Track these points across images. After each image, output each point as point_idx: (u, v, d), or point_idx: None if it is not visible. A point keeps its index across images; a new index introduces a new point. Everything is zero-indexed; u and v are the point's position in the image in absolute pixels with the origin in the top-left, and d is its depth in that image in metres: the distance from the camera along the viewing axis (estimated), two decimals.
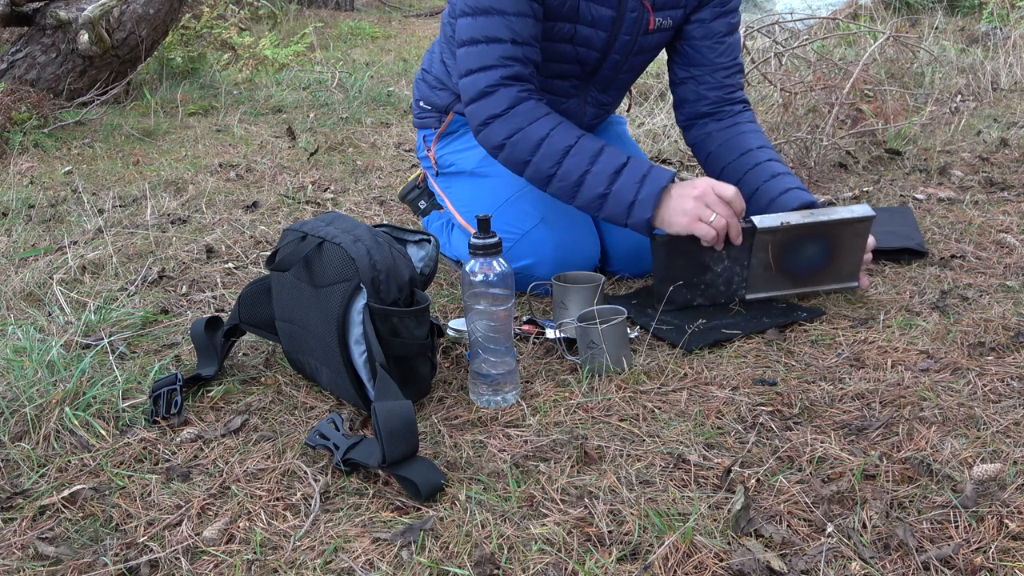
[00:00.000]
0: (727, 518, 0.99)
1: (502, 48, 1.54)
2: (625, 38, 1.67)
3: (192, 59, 4.55)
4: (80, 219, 2.34)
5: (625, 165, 1.53)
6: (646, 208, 1.51)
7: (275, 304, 1.40)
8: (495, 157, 1.61)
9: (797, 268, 1.60)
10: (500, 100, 1.55)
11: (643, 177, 1.52)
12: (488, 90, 1.55)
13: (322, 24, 6.98)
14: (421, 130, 1.96)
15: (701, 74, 1.77)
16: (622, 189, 1.52)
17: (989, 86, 3.64)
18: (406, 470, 1.07)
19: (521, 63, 1.55)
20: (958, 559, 0.92)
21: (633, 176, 1.52)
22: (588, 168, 1.53)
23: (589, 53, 1.68)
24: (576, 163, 1.53)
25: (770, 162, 1.72)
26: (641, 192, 1.51)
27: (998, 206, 2.19)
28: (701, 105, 1.79)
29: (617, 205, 1.53)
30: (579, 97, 1.78)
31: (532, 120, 1.54)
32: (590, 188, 1.54)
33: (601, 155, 1.54)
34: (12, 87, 3.55)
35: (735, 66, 1.79)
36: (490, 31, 1.54)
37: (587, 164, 1.53)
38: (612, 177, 1.53)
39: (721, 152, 1.76)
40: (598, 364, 1.38)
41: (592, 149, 1.54)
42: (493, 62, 1.54)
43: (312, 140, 3.28)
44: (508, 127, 1.55)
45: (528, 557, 0.95)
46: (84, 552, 1.00)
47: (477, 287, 1.28)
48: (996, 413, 1.20)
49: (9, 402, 1.31)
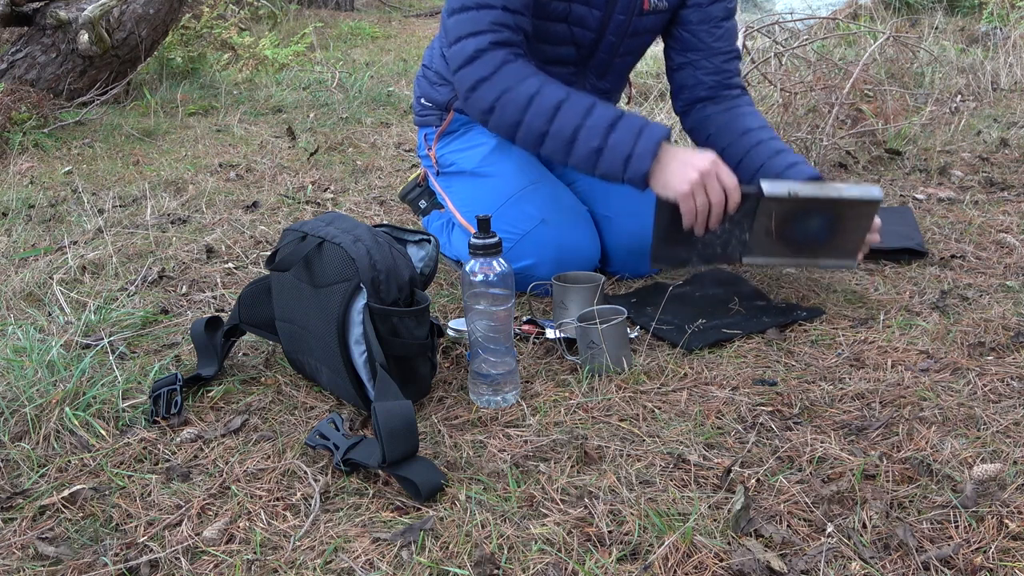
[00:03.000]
0: (727, 518, 0.99)
1: (493, 14, 1.53)
2: (620, 18, 1.67)
3: (192, 59, 4.54)
4: (80, 219, 2.34)
5: (620, 118, 1.50)
6: (644, 161, 1.47)
7: (275, 304, 1.40)
8: (485, 124, 1.59)
9: (798, 239, 1.57)
10: (488, 63, 1.53)
11: (640, 130, 1.49)
12: (476, 54, 1.53)
13: (322, 24, 6.98)
14: (422, 128, 1.96)
15: (698, 59, 1.77)
16: (618, 142, 1.49)
17: (989, 86, 3.64)
18: (406, 470, 1.07)
19: (511, 30, 1.54)
20: (958, 559, 0.92)
21: (629, 129, 1.49)
22: (581, 122, 1.50)
23: (584, 34, 1.68)
24: (568, 118, 1.50)
25: (772, 140, 1.71)
26: (639, 145, 1.47)
27: (998, 206, 2.19)
28: (699, 90, 1.79)
29: (613, 159, 1.49)
30: (576, 84, 1.78)
31: (521, 79, 1.52)
32: (584, 143, 1.50)
33: (594, 109, 1.51)
34: (12, 87, 3.55)
35: (732, 51, 1.79)
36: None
37: (580, 118, 1.50)
38: (607, 130, 1.49)
39: (720, 133, 1.75)
40: (598, 364, 1.38)
41: (584, 103, 1.51)
42: (483, 27, 1.53)
43: (312, 140, 3.28)
44: (496, 89, 1.53)
45: (528, 557, 0.95)
46: (84, 552, 1.00)
47: (477, 287, 1.28)
48: (996, 413, 1.20)
49: (9, 402, 1.31)
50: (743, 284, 1.71)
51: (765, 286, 1.72)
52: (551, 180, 1.79)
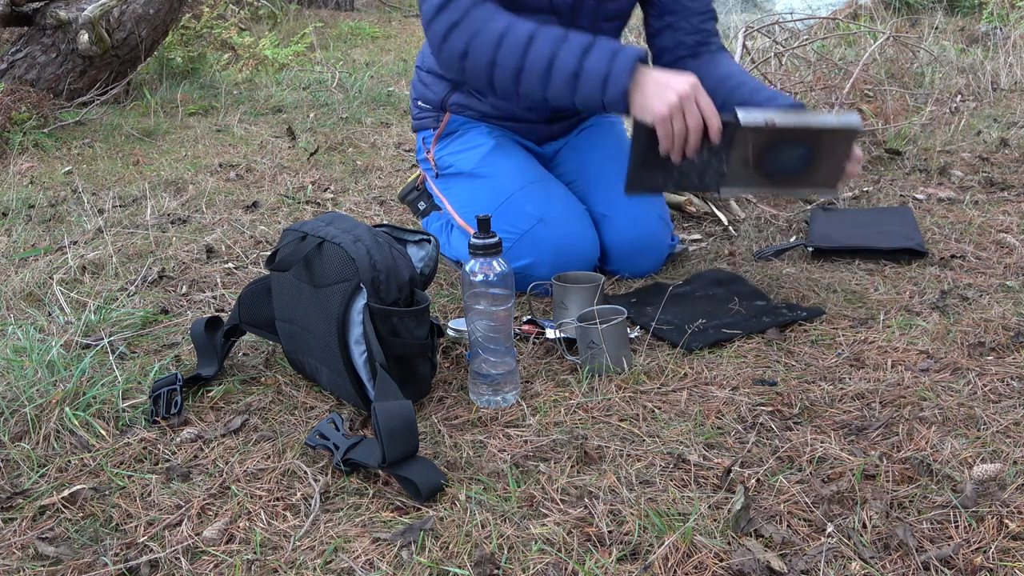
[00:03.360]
0: (727, 518, 0.99)
1: None
2: None
3: (192, 59, 4.54)
4: (80, 219, 2.34)
5: (594, 42, 1.50)
6: (621, 79, 1.46)
7: (275, 304, 1.40)
8: (460, 76, 1.60)
9: (775, 169, 1.54)
10: (455, 9, 1.54)
11: (615, 52, 1.48)
12: (443, 3, 1.54)
13: (322, 24, 6.98)
14: (420, 132, 1.96)
15: (675, 20, 1.79)
16: (594, 64, 1.48)
17: (989, 86, 3.64)
18: (406, 470, 1.07)
19: None
20: (958, 559, 0.92)
21: (604, 50, 1.49)
22: (555, 50, 1.50)
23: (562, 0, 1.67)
24: (542, 48, 1.51)
25: (751, 82, 1.72)
26: (615, 65, 1.47)
27: (998, 206, 2.19)
28: (679, 51, 1.81)
29: (591, 83, 1.49)
30: None
31: (490, 18, 1.53)
32: (560, 71, 1.50)
33: (567, 37, 1.51)
34: (12, 87, 3.55)
35: (709, 11, 1.81)
36: None
37: (554, 46, 1.50)
38: (582, 54, 1.49)
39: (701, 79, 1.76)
40: (598, 364, 1.38)
41: (556, 33, 1.52)
42: None
43: (312, 140, 3.28)
44: (467, 32, 1.54)
45: (528, 557, 0.95)
46: (84, 552, 1.00)
47: (477, 287, 1.28)
48: (996, 413, 1.20)
49: (9, 402, 1.31)
50: (743, 284, 1.71)
51: (765, 286, 1.72)
52: (549, 180, 1.79)
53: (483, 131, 1.83)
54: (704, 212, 2.24)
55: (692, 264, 1.90)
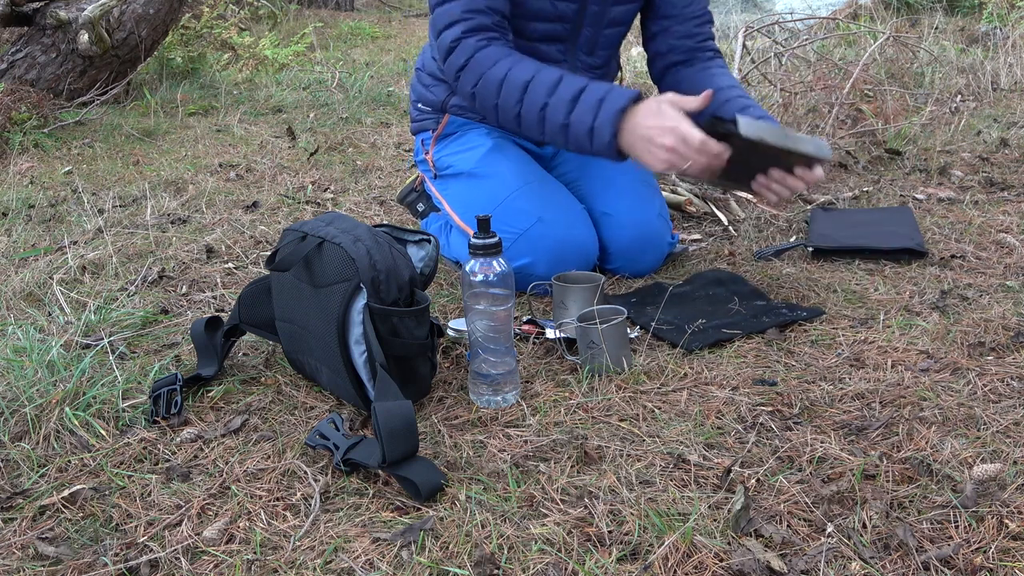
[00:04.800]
0: (727, 518, 0.99)
1: (463, 3, 1.59)
2: None
3: (192, 59, 4.54)
4: (80, 219, 2.34)
5: (583, 90, 1.52)
6: (604, 132, 1.49)
7: (275, 304, 1.40)
8: (474, 110, 1.67)
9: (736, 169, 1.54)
10: (462, 52, 1.59)
11: (600, 101, 1.50)
12: (453, 44, 1.60)
13: (322, 24, 6.98)
14: (419, 134, 1.96)
15: (671, 24, 1.81)
16: (580, 116, 1.51)
17: (989, 86, 3.64)
18: (406, 470, 1.07)
19: (483, 13, 1.59)
20: (958, 559, 0.92)
21: (590, 101, 1.50)
22: (547, 100, 1.53)
23: (567, 6, 1.69)
24: (535, 97, 1.54)
25: (740, 98, 1.73)
26: (598, 117, 1.49)
27: (998, 206, 2.19)
28: (674, 55, 1.83)
29: (578, 134, 1.52)
30: (568, 63, 1.79)
31: (491, 64, 1.57)
32: (552, 120, 1.54)
33: (559, 85, 1.54)
34: (12, 87, 3.55)
35: (705, 15, 1.83)
36: None
37: (545, 96, 1.53)
38: (570, 105, 1.52)
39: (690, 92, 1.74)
40: (598, 364, 1.38)
41: (550, 80, 1.54)
42: (457, 17, 1.60)
43: (312, 140, 3.28)
44: (472, 76, 1.59)
45: (528, 557, 0.95)
46: (84, 552, 1.00)
47: (477, 287, 1.28)
48: (996, 413, 1.20)
49: (9, 402, 1.31)
50: (743, 284, 1.71)
51: (765, 286, 1.73)
52: (548, 180, 1.79)
53: (482, 132, 1.83)
54: (704, 212, 2.24)
55: (692, 264, 1.90)
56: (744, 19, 4.98)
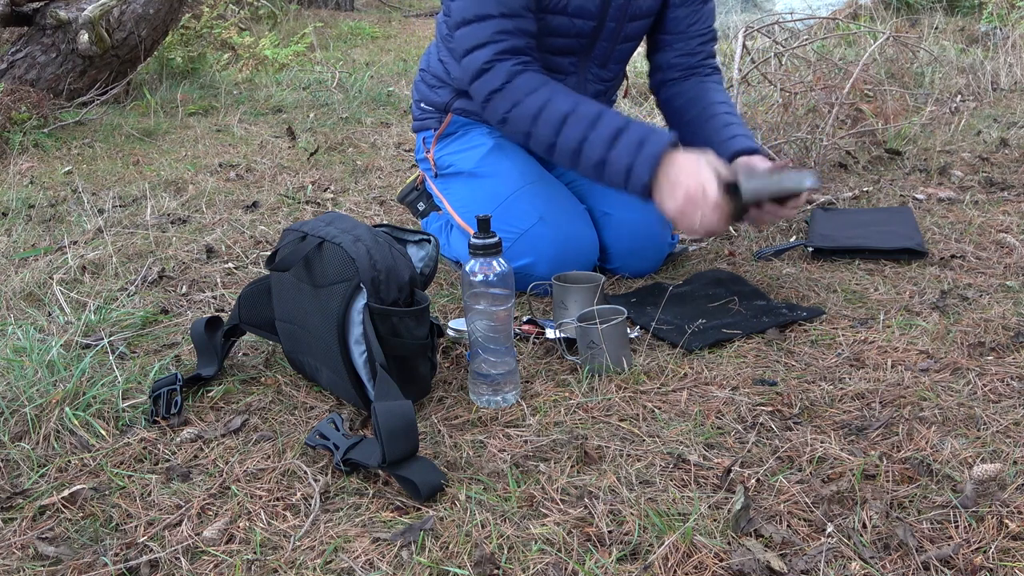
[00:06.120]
0: (727, 518, 0.99)
1: (493, 24, 1.58)
2: (618, 2, 1.69)
3: (192, 59, 4.54)
4: (80, 219, 2.33)
5: (623, 130, 1.52)
6: (643, 173, 1.50)
7: (275, 304, 1.40)
8: (501, 131, 1.67)
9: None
10: (496, 75, 1.58)
11: (641, 142, 1.51)
12: (485, 67, 1.58)
13: (322, 24, 6.98)
14: (420, 132, 1.96)
15: (676, 40, 1.82)
16: (619, 155, 1.51)
17: (989, 86, 3.64)
18: (406, 470, 1.07)
19: (514, 35, 1.58)
20: (958, 559, 0.92)
21: (630, 142, 1.51)
22: (585, 135, 1.53)
23: (585, 24, 1.69)
24: (574, 131, 1.54)
25: (725, 115, 1.75)
26: (638, 159, 1.50)
27: (998, 206, 2.19)
28: (675, 71, 1.84)
29: (615, 172, 1.53)
30: (579, 74, 1.79)
31: (529, 92, 1.57)
32: (588, 156, 1.54)
33: (600, 120, 1.54)
34: (12, 87, 3.55)
35: (709, 33, 1.84)
36: (480, 9, 1.58)
37: (584, 131, 1.53)
38: (610, 143, 1.52)
39: (687, 106, 1.80)
40: (598, 364, 1.38)
41: (590, 115, 1.54)
42: (487, 39, 1.58)
43: (312, 140, 3.28)
44: (507, 102, 1.58)
45: (528, 557, 0.95)
46: (84, 552, 1.00)
47: (477, 287, 1.28)
48: (996, 413, 1.20)
49: (9, 402, 1.31)
50: (743, 284, 1.71)
51: (765, 286, 1.72)
52: (549, 180, 1.79)
53: (483, 131, 1.83)
54: None
55: (692, 264, 1.90)
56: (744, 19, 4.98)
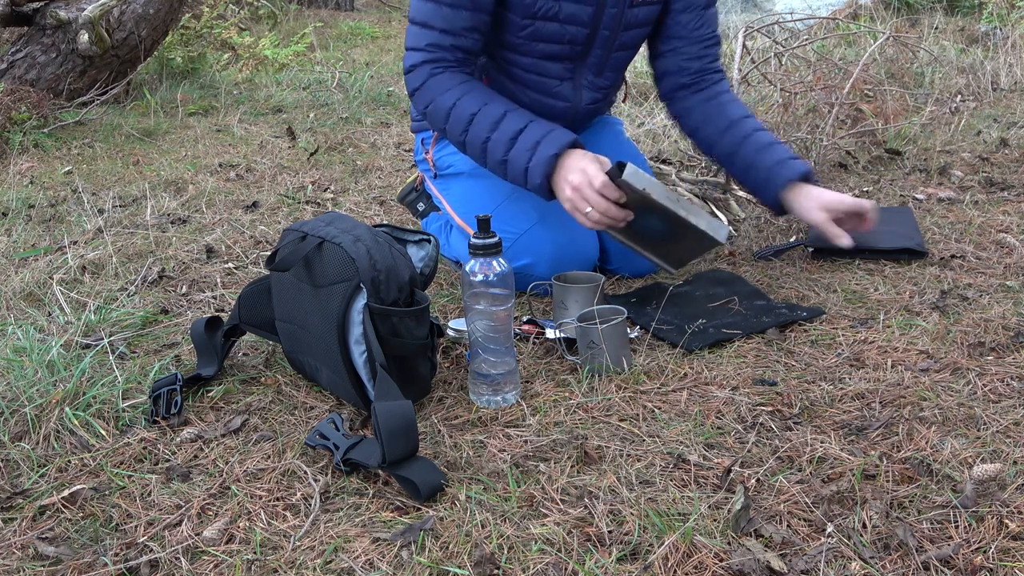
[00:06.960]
0: (727, 518, 0.99)
1: (430, 35, 1.62)
2: (612, 11, 1.68)
3: (192, 59, 4.54)
4: (80, 219, 2.34)
5: (523, 130, 1.58)
6: (536, 175, 1.56)
7: (275, 304, 1.40)
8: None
9: (639, 228, 1.60)
10: (417, 77, 1.65)
11: (536, 143, 1.56)
12: (410, 68, 1.66)
13: (322, 24, 6.98)
14: (419, 133, 1.96)
15: (681, 46, 1.81)
16: (517, 155, 1.57)
17: (989, 86, 3.64)
18: (406, 470, 1.07)
19: (446, 51, 1.63)
20: (958, 559, 0.92)
21: (527, 143, 1.57)
22: (488, 135, 1.59)
23: (578, 31, 1.69)
24: (479, 130, 1.60)
25: (757, 132, 1.77)
26: (533, 159, 1.55)
27: (998, 206, 2.19)
28: (681, 76, 1.83)
29: (515, 172, 1.59)
30: (574, 81, 1.78)
31: (443, 91, 1.62)
32: (492, 154, 1.60)
33: (502, 121, 1.59)
34: (12, 87, 3.55)
35: (713, 38, 1.84)
36: (425, 16, 1.62)
37: (488, 131, 1.59)
38: (509, 144, 1.58)
39: (706, 125, 1.82)
40: (598, 364, 1.38)
41: (494, 115, 1.59)
42: (420, 46, 1.64)
43: (312, 140, 3.28)
44: (425, 98, 1.65)
45: (528, 557, 0.95)
46: (84, 552, 1.00)
47: (477, 287, 1.28)
48: (996, 413, 1.20)
49: (9, 402, 1.31)
50: (743, 284, 1.71)
51: (765, 286, 1.73)
52: None
53: None
54: None
55: (692, 264, 1.89)
56: (744, 19, 4.98)
